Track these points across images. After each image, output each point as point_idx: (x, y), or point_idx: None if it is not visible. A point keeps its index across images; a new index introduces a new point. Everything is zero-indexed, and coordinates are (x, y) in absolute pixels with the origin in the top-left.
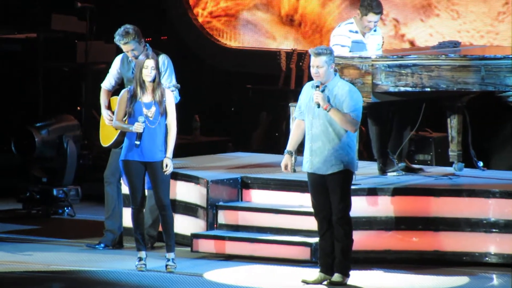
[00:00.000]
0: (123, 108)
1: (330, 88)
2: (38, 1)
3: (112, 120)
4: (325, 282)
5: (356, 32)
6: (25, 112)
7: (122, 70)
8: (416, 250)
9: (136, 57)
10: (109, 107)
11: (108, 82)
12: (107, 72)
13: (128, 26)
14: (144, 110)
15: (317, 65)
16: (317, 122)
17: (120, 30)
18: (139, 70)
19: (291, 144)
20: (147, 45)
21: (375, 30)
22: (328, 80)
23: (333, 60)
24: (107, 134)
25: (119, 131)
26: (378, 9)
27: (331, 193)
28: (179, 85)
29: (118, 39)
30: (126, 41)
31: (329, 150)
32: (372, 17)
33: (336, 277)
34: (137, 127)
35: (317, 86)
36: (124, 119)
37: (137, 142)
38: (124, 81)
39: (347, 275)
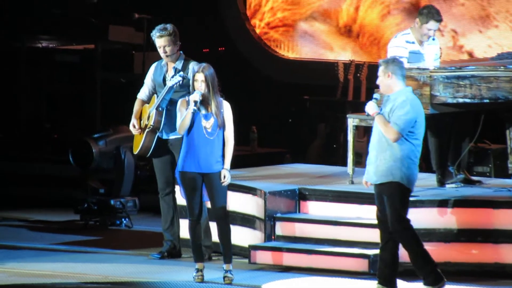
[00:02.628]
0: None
1: (392, 98)
2: (96, 13)
3: (136, 129)
4: None
5: (413, 42)
6: (83, 123)
7: (155, 75)
8: (476, 262)
9: (166, 56)
10: (140, 116)
11: (143, 92)
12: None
13: (168, 24)
14: (203, 122)
15: (378, 74)
16: (374, 131)
17: (159, 25)
18: (192, 82)
19: None
20: (181, 52)
21: (433, 39)
22: (390, 91)
23: (391, 69)
24: (136, 141)
25: (143, 137)
26: (438, 17)
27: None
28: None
29: (154, 32)
30: (161, 34)
31: (381, 160)
32: (432, 25)
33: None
34: (193, 95)
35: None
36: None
37: (195, 108)
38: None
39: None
